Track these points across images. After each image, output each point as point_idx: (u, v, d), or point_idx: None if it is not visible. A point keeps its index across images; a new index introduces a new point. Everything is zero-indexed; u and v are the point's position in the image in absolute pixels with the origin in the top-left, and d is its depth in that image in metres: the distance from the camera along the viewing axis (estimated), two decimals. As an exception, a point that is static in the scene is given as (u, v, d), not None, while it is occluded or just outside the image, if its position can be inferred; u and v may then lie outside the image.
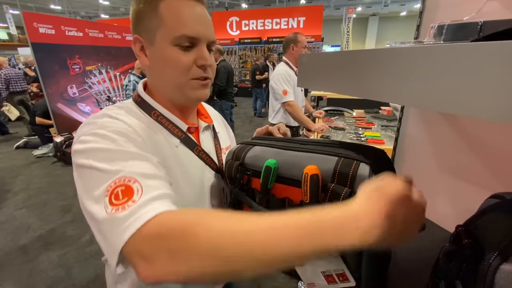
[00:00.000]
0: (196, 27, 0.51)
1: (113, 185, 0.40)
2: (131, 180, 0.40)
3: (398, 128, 0.90)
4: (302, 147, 0.50)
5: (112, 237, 0.37)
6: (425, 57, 0.28)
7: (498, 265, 0.28)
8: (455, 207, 0.70)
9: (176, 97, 0.56)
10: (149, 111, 0.56)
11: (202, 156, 0.60)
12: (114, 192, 0.39)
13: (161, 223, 0.36)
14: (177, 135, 0.57)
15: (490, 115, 0.22)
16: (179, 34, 0.50)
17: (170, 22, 0.50)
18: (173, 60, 0.51)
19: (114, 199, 0.39)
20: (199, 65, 0.53)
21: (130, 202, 0.38)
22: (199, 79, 0.54)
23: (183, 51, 0.51)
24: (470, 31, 0.37)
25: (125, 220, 0.36)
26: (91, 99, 4.47)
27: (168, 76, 0.54)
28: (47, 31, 3.70)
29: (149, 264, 0.33)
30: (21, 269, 2.01)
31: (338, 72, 0.44)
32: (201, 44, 0.53)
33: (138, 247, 0.35)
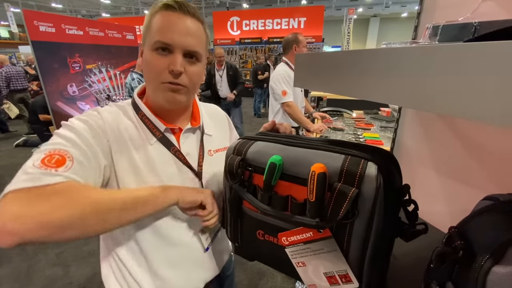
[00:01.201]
0: (173, 35, 0.57)
1: (53, 152, 0.49)
2: (67, 154, 0.50)
3: (395, 129, 0.89)
4: (306, 144, 0.48)
5: (14, 179, 0.46)
6: (418, 57, 0.28)
7: (490, 267, 0.28)
8: (451, 208, 0.70)
9: (154, 99, 0.64)
10: (137, 111, 0.65)
11: (179, 156, 0.67)
12: (49, 156, 0.48)
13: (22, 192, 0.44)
14: (155, 134, 0.65)
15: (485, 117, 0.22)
16: (155, 39, 0.57)
17: (154, 29, 0.58)
18: (149, 63, 0.59)
19: (47, 161, 0.47)
20: (169, 70, 0.58)
21: (53, 169, 0.47)
22: (169, 83, 0.59)
23: (159, 56, 0.58)
24: (465, 32, 0.37)
25: (39, 178, 0.45)
26: (91, 97, 4.46)
27: (147, 78, 0.63)
28: (48, 29, 3.70)
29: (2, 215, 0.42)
30: (19, 268, 2.01)
31: (334, 72, 0.44)
32: (176, 52, 0.58)
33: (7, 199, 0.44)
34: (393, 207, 0.42)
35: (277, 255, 0.52)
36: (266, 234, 0.53)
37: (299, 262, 0.49)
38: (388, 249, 0.47)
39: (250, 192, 0.51)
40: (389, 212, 0.40)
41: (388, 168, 0.41)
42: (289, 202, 0.47)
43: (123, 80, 4.99)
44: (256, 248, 0.57)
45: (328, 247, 0.44)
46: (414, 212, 0.43)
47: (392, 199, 0.41)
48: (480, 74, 0.22)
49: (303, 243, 0.46)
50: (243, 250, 0.61)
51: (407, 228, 0.44)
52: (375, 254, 0.42)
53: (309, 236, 0.45)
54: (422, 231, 0.43)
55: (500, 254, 0.28)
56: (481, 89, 0.22)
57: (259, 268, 1.96)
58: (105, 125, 0.59)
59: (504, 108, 0.20)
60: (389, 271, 0.50)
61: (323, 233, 0.43)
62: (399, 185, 0.44)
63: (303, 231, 0.45)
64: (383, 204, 0.39)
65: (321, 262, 0.46)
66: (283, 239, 0.48)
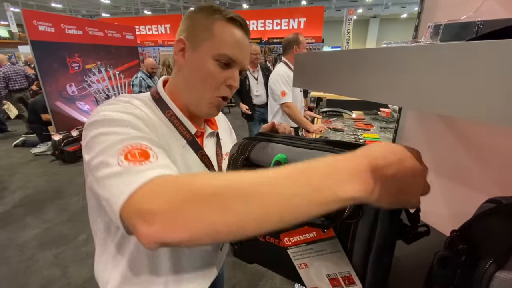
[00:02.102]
0: (237, 51, 0.57)
1: (130, 147, 0.40)
2: (148, 147, 0.42)
3: (395, 130, 0.89)
4: (309, 145, 0.48)
5: (117, 191, 0.36)
6: (419, 56, 0.27)
7: (494, 272, 0.27)
8: (452, 210, 0.69)
9: (191, 105, 0.61)
10: (164, 110, 0.59)
11: (204, 160, 0.64)
12: (131, 152, 0.40)
13: (164, 181, 0.35)
14: (185, 136, 0.61)
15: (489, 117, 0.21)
16: (222, 52, 0.55)
17: (218, 39, 0.55)
18: (209, 72, 0.56)
19: (130, 156, 0.39)
20: (227, 84, 0.58)
21: (146, 162, 0.39)
22: (222, 98, 0.59)
23: (221, 68, 0.57)
24: (467, 31, 0.36)
25: (136, 173, 0.36)
26: (90, 97, 4.46)
27: (197, 85, 0.58)
28: (47, 29, 3.69)
29: (149, 223, 0.31)
30: (17, 268, 2.00)
31: (333, 71, 0.44)
32: (235, 67, 0.58)
33: (137, 203, 0.33)
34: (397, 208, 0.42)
35: (278, 257, 0.51)
36: (267, 235, 0.52)
37: (301, 264, 0.48)
38: (391, 251, 0.47)
39: None
40: (393, 213, 0.40)
41: None
42: None
43: (122, 80, 4.98)
44: (256, 251, 0.56)
45: (332, 248, 0.44)
46: (416, 214, 0.43)
47: None
48: (483, 73, 0.21)
49: (306, 243, 0.46)
50: (243, 252, 0.60)
51: (409, 230, 0.43)
52: (379, 255, 0.41)
53: (313, 236, 0.45)
54: (424, 233, 0.42)
55: (504, 259, 0.27)
56: (485, 88, 0.21)
57: (258, 269, 1.95)
58: (147, 118, 0.52)
59: (508, 107, 0.20)
60: (391, 273, 0.49)
61: (327, 233, 0.43)
62: None
63: (306, 230, 0.45)
64: None
65: (324, 264, 0.45)
66: (285, 239, 0.48)
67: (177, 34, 0.60)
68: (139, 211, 0.32)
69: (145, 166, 0.38)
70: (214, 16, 0.56)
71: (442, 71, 0.25)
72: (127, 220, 0.34)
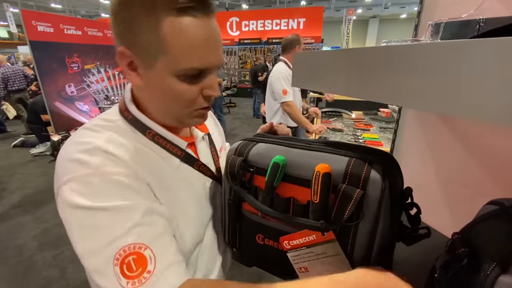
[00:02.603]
0: (208, 56, 0.44)
1: (123, 253, 0.37)
2: (142, 247, 0.38)
3: (395, 130, 0.88)
4: (308, 146, 0.48)
5: None
6: (420, 55, 0.26)
7: (497, 276, 0.26)
8: (453, 212, 0.68)
9: (171, 124, 0.52)
10: (143, 130, 0.49)
11: (202, 170, 0.58)
12: (126, 262, 0.37)
13: None
14: (177, 154, 0.53)
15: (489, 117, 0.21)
16: (187, 67, 0.42)
17: (177, 50, 0.41)
18: (177, 93, 0.45)
19: (127, 271, 0.37)
20: (205, 95, 0.47)
21: (145, 273, 0.37)
22: (202, 109, 0.49)
23: (189, 84, 0.44)
24: (469, 29, 0.35)
25: None
26: (89, 97, 4.44)
27: (168, 107, 0.48)
28: (46, 29, 3.68)
29: None
30: (15, 269, 1.99)
31: (333, 71, 0.43)
32: (211, 73, 0.46)
33: None
34: (397, 209, 0.42)
35: (277, 261, 0.51)
36: (266, 238, 0.52)
37: (302, 267, 0.48)
38: (391, 253, 0.46)
39: (251, 193, 0.50)
40: (394, 215, 0.40)
41: (392, 170, 0.41)
42: (291, 204, 0.46)
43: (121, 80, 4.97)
44: (255, 253, 0.56)
45: (332, 251, 0.43)
46: (417, 216, 0.42)
47: (396, 202, 0.40)
48: (485, 71, 0.21)
49: (306, 246, 0.45)
50: (241, 255, 0.60)
51: (410, 232, 0.43)
52: (379, 258, 0.41)
53: (312, 239, 0.44)
54: (425, 235, 0.42)
55: (507, 263, 0.27)
56: (487, 87, 0.21)
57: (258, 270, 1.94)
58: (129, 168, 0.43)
59: (510, 107, 0.19)
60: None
61: (327, 236, 0.42)
62: (401, 188, 0.43)
63: (306, 234, 0.44)
64: (389, 206, 0.38)
65: (324, 267, 0.45)
66: (285, 242, 0.47)
67: (114, 38, 0.45)
68: None
69: (149, 282, 0.37)
70: (156, 10, 0.39)
71: (444, 70, 0.24)
72: None
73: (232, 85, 9.77)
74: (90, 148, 0.42)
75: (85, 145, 0.43)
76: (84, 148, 0.42)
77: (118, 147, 0.44)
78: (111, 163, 0.42)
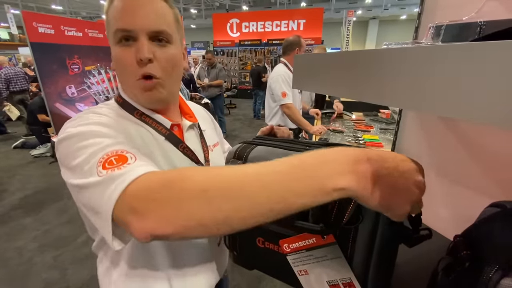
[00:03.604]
0: (130, 18, 0.48)
1: (106, 156, 0.39)
2: (124, 151, 0.41)
3: (396, 132, 0.88)
4: (308, 149, 0.47)
5: (103, 199, 0.36)
6: (421, 57, 0.26)
7: (499, 279, 0.26)
8: (454, 214, 0.68)
9: (135, 99, 0.56)
10: (131, 111, 0.56)
11: (187, 153, 0.61)
12: (108, 160, 0.39)
13: (150, 178, 0.35)
14: (161, 132, 0.58)
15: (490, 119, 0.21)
16: (114, 29, 0.49)
17: (110, 19, 0.49)
18: (117, 59, 0.51)
19: (107, 165, 0.38)
20: (137, 60, 0.49)
21: (125, 164, 0.38)
22: (142, 80, 0.51)
23: (124, 47, 0.49)
24: (469, 32, 0.35)
25: (118, 177, 0.36)
26: (89, 99, 4.45)
27: (120, 78, 0.55)
28: (47, 30, 3.69)
29: (142, 218, 0.32)
30: (16, 271, 1.98)
31: (333, 73, 0.43)
32: (140, 37, 0.49)
33: (129, 203, 0.34)
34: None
35: (278, 264, 0.50)
36: (267, 242, 0.51)
37: (301, 270, 0.48)
38: (392, 256, 0.46)
39: None
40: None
41: None
42: None
43: (122, 82, 4.99)
44: (255, 257, 0.55)
45: (332, 254, 0.43)
46: (418, 218, 0.42)
47: None
48: (486, 74, 0.21)
49: (305, 250, 0.45)
50: (242, 258, 0.60)
51: (411, 233, 0.43)
52: (380, 260, 0.41)
53: (312, 242, 0.44)
54: (426, 236, 0.41)
55: (510, 266, 0.27)
56: (488, 89, 0.21)
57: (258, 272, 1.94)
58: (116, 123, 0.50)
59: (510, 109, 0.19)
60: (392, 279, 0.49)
61: (327, 239, 0.42)
62: None
63: (305, 237, 0.44)
64: None
65: (324, 270, 0.45)
66: (284, 246, 0.47)
67: None
68: (133, 210, 0.33)
69: (126, 168, 0.37)
70: (107, 2, 0.51)
71: (444, 72, 0.24)
72: (120, 220, 0.35)
73: (232, 87, 9.78)
74: (85, 111, 0.51)
75: (81, 112, 0.51)
76: (80, 113, 0.50)
77: (110, 114, 0.52)
78: (102, 116, 0.50)
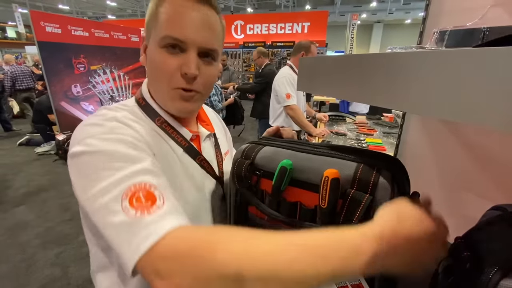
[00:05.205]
0: (185, 29, 0.46)
1: (133, 189, 0.37)
2: (152, 187, 0.38)
3: (399, 135, 0.89)
4: (315, 150, 0.47)
5: (130, 247, 0.34)
6: (425, 62, 0.27)
7: (498, 280, 0.27)
8: (456, 217, 0.68)
9: (160, 104, 0.54)
10: (153, 117, 0.53)
11: (203, 165, 0.59)
12: (135, 196, 0.36)
13: (178, 237, 0.34)
14: (181, 144, 0.55)
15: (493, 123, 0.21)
16: (163, 34, 0.47)
17: (161, 21, 0.47)
18: (158, 63, 0.48)
19: (135, 201, 0.36)
20: (182, 73, 0.48)
21: (154, 207, 0.36)
22: (181, 90, 0.50)
23: (169, 54, 0.47)
24: (473, 37, 0.36)
25: (148, 226, 0.34)
26: (94, 98, 4.49)
27: (154, 80, 0.52)
28: (54, 30, 3.73)
29: (165, 280, 0.31)
30: (18, 267, 2.00)
31: (338, 76, 0.44)
32: (189, 50, 0.48)
33: (154, 263, 0.33)
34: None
35: None
36: None
37: None
38: None
39: (257, 197, 0.50)
40: None
41: (400, 175, 0.41)
42: (297, 209, 0.46)
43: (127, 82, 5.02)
44: None
45: None
46: None
47: None
48: (489, 79, 0.21)
49: None
50: None
51: None
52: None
53: None
54: None
55: (509, 267, 0.27)
56: (491, 94, 0.21)
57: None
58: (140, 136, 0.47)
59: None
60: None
61: None
62: (409, 193, 0.43)
63: None
64: None
65: None
66: None
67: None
68: (157, 271, 0.32)
69: (154, 215, 0.35)
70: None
71: (448, 77, 0.25)
72: (142, 272, 0.34)
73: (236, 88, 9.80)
74: (107, 117, 0.46)
75: (103, 116, 0.47)
76: (102, 118, 0.46)
77: (133, 122, 0.49)
78: (125, 127, 0.46)
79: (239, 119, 3.88)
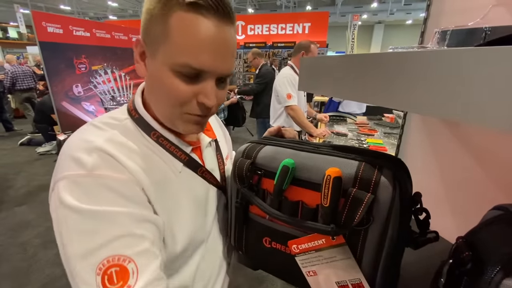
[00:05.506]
0: (207, 58, 0.41)
1: (106, 264, 0.37)
2: (126, 260, 0.37)
3: (400, 135, 0.88)
4: (316, 149, 0.47)
5: None
6: (426, 61, 0.27)
7: (501, 279, 0.27)
8: (457, 217, 0.68)
9: (165, 122, 0.49)
10: (148, 131, 0.49)
11: (205, 177, 0.56)
12: (108, 273, 0.36)
13: None
14: (180, 158, 0.51)
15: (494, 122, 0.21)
16: (182, 62, 0.40)
17: (177, 41, 0.40)
18: (168, 88, 0.42)
19: (108, 282, 0.36)
20: (199, 101, 0.44)
21: (125, 287, 0.36)
22: (196, 116, 0.46)
23: (183, 82, 0.42)
24: (475, 37, 0.36)
25: None
26: (95, 98, 4.49)
27: (162, 100, 0.46)
28: (55, 30, 3.75)
29: None
30: (19, 266, 2.01)
31: (340, 76, 0.44)
32: (208, 78, 0.43)
33: None
34: (407, 214, 0.42)
35: (284, 264, 0.50)
36: (273, 242, 0.51)
37: (310, 271, 0.48)
38: (400, 258, 0.46)
39: (259, 196, 0.50)
40: (403, 219, 0.40)
41: (402, 174, 0.40)
42: (299, 208, 0.46)
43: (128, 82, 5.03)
44: (261, 257, 0.56)
45: (341, 255, 0.43)
46: (426, 221, 0.42)
47: (406, 206, 0.40)
48: (491, 79, 0.21)
49: (314, 250, 0.45)
50: (247, 258, 0.60)
51: (418, 236, 0.43)
52: (389, 262, 0.41)
53: (322, 243, 0.44)
54: (433, 239, 0.42)
55: (511, 267, 0.27)
56: (492, 94, 0.21)
57: (259, 273, 1.94)
58: (126, 169, 0.42)
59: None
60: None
61: (336, 240, 0.42)
62: (411, 193, 0.43)
63: (315, 238, 0.44)
64: (399, 211, 0.38)
65: (333, 271, 0.45)
66: (293, 246, 0.47)
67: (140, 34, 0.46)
68: None
69: None
70: (171, 3, 0.39)
71: (449, 77, 0.25)
72: None
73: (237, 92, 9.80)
74: (89, 147, 0.41)
75: (86, 143, 0.42)
76: (84, 147, 0.41)
77: (119, 147, 0.43)
78: (107, 165, 0.41)
79: (240, 120, 3.86)
